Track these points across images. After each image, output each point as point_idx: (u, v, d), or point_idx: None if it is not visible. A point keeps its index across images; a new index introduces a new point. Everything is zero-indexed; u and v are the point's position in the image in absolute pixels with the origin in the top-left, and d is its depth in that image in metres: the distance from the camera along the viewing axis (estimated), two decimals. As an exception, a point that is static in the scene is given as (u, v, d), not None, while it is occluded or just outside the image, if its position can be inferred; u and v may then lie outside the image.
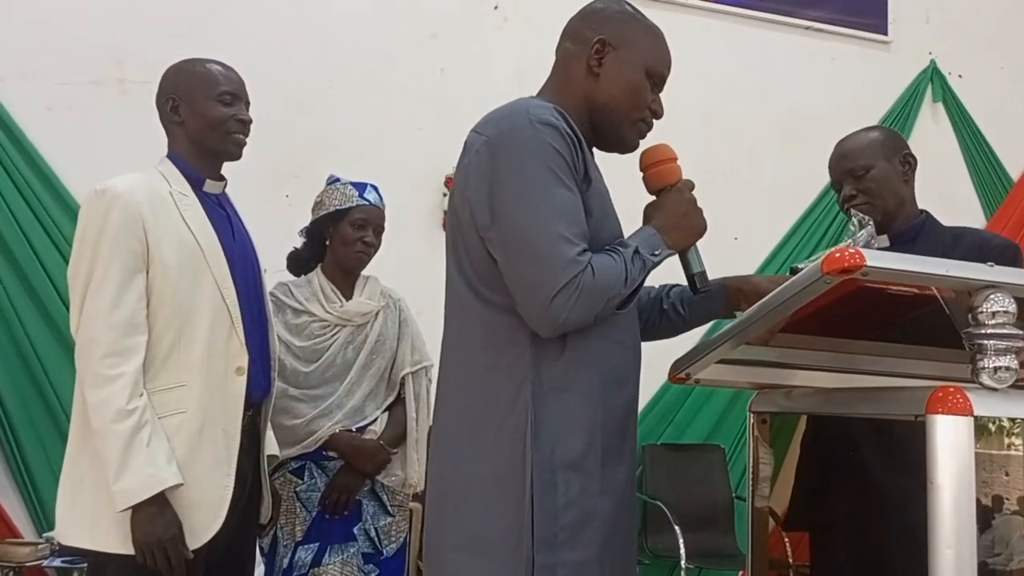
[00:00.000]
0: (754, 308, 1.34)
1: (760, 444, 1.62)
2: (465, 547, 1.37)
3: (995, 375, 1.21)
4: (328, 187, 2.46)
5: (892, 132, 2.07)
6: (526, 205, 1.34)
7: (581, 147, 1.42)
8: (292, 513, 2.34)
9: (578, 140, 1.41)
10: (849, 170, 1.94)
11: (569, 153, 1.38)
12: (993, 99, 5.27)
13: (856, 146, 1.98)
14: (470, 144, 1.48)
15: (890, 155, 1.95)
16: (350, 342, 2.41)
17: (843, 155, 1.98)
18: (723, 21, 4.84)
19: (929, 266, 1.19)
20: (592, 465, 1.36)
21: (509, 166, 1.38)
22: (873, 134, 2.01)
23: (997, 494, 1.23)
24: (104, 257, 1.73)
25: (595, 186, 1.47)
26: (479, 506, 1.37)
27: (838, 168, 1.98)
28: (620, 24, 1.53)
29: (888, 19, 5.15)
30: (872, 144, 1.97)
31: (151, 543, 1.69)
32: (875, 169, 1.92)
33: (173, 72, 1.93)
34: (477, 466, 1.39)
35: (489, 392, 1.40)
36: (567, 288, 1.31)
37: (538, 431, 1.34)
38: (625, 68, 1.50)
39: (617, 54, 1.50)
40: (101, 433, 1.69)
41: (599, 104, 1.52)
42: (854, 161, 1.94)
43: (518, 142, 1.39)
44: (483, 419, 1.40)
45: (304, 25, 4.16)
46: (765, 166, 4.73)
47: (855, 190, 1.92)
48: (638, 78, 1.50)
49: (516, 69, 4.49)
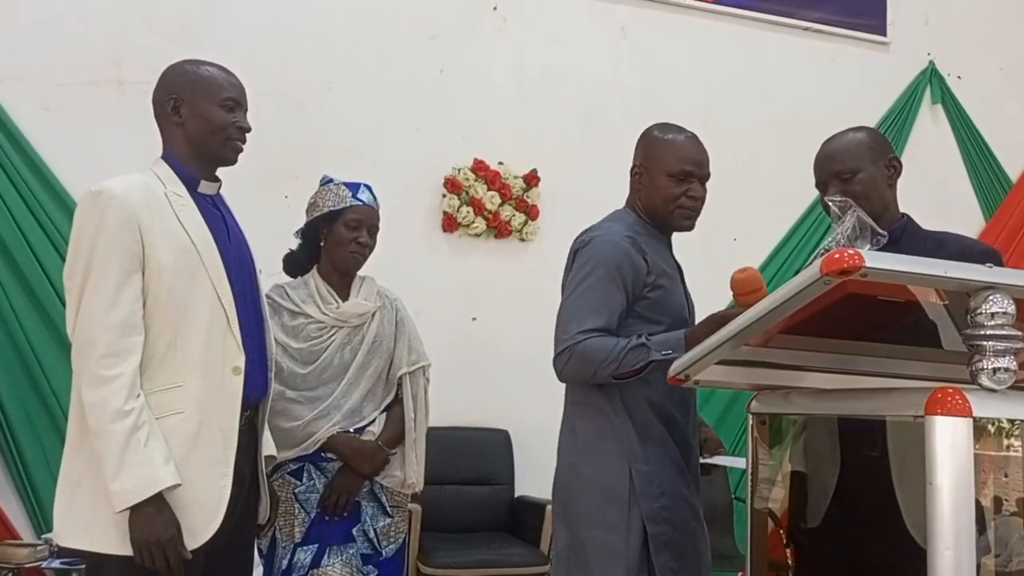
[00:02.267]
0: (753, 310, 1.33)
1: (759, 445, 1.62)
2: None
3: (994, 376, 1.21)
4: (321, 188, 2.45)
5: (879, 135, 2.04)
6: (571, 292, 2.07)
7: (646, 257, 2.04)
8: (291, 514, 2.33)
9: (643, 252, 2.04)
10: (836, 172, 1.92)
11: (629, 266, 2.02)
12: (992, 100, 5.28)
13: (844, 148, 1.94)
14: (575, 240, 2.19)
15: (877, 158, 1.93)
16: (347, 343, 2.40)
17: (830, 156, 1.95)
18: (722, 22, 4.85)
19: (928, 267, 1.19)
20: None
21: (579, 264, 2.08)
22: (860, 136, 1.97)
23: (996, 495, 1.23)
24: (100, 258, 1.73)
25: (662, 285, 2.07)
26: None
27: (824, 169, 1.95)
28: (646, 148, 2.17)
29: (887, 20, 5.16)
30: (860, 147, 1.94)
31: (150, 544, 1.68)
32: (863, 172, 1.90)
33: (175, 72, 1.92)
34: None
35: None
36: (564, 352, 2.02)
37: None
38: (653, 180, 2.12)
39: (648, 172, 2.13)
40: (98, 434, 1.69)
41: (648, 211, 2.15)
42: (842, 164, 1.91)
43: (589, 252, 2.07)
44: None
45: (303, 26, 4.16)
46: (764, 167, 4.73)
47: (841, 193, 1.88)
48: (662, 182, 2.09)
49: (515, 70, 4.49)
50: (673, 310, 2.10)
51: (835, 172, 1.92)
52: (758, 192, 4.58)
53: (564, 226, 4.50)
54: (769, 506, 1.62)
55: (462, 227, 4.33)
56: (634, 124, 4.74)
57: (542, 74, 4.53)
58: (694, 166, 2.10)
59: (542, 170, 4.44)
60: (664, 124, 2.19)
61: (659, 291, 2.07)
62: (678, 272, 2.22)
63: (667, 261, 2.16)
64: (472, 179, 4.33)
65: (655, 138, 2.15)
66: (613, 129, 4.63)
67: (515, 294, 4.39)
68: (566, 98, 4.56)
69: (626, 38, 4.68)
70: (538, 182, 4.43)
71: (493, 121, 4.43)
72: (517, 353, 4.36)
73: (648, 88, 4.68)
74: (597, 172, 4.58)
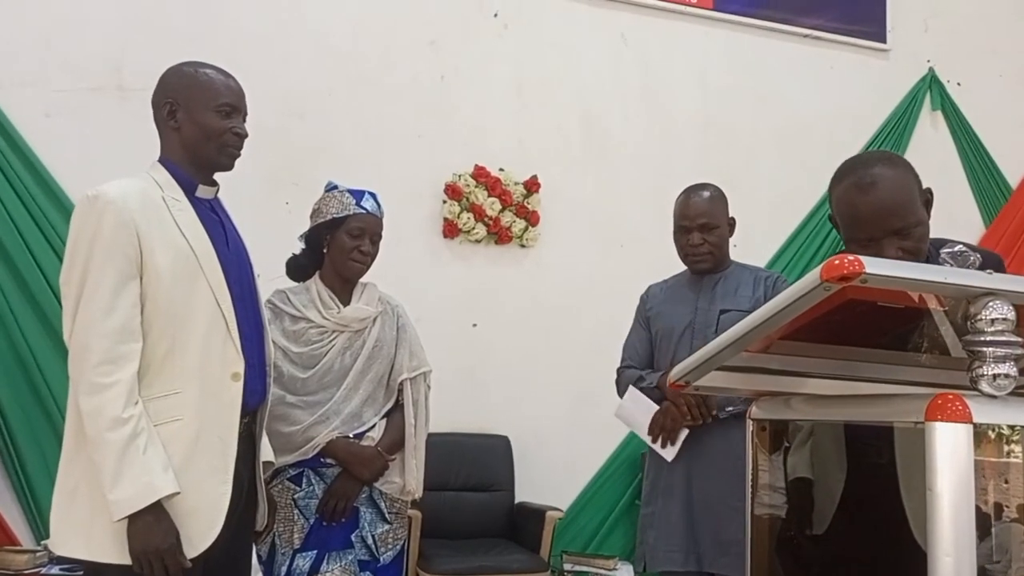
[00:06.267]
0: (753, 316, 1.33)
1: (759, 451, 1.62)
2: None
3: (994, 382, 1.21)
4: (326, 194, 2.45)
5: (910, 164, 1.67)
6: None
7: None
8: (290, 520, 2.33)
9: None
10: (897, 229, 1.56)
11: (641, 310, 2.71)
12: (992, 107, 5.29)
13: (898, 196, 1.57)
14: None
15: (922, 198, 1.63)
16: (347, 348, 2.40)
17: (885, 210, 1.56)
18: (722, 29, 4.86)
19: (928, 273, 1.19)
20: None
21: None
22: (901, 173, 1.61)
23: (997, 501, 1.23)
24: (97, 263, 1.71)
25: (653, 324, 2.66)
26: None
27: (879, 225, 1.57)
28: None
29: (887, 27, 5.17)
30: (912, 191, 1.59)
31: (148, 553, 1.67)
32: (922, 225, 1.58)
33: (173, 75, 1.90)
34: None
35: None
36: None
37: None
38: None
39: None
40: (95, 442, 1.67)
41: None
42: (903, 219, 1.56)
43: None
44: None
45: (304, 33, 4.17)
46: (764, 173, 4.74)
47: (900, 251, 1.56)
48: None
49: (515, 76, 4.51)
50: None
51: (895, 230, 1.57)
52: (758, 198, 4.58)
53: (564, 232, 4.54)
54: (770, 512, 1.62)
55: (463, 233, 4.34)
56: (635, 131, 4.79)
57: (542, 80, 4.54)
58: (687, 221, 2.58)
59: (542, 176, 4.45)
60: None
61: None
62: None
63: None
64: (473, 185, 4.33)
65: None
66: (613, 136, 4.64)
67: (516, 300, 4.40)
68: (566, 104, 4.57)
69: (626, 45, 4.69)
70: (538, 188, 4.44)
71: (494, 127, 4.44)
72: (518, 359, 4.37)
73: (648, 95, 4.69)
74: (597, 178, 4.59)
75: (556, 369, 4.38)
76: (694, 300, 2.54)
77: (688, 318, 2.52)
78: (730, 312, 2.43)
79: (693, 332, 2.48)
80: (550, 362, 4.39)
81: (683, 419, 2.41)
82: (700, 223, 2.51)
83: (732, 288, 2.52)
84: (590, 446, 4.39)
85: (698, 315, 2.50)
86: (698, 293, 2.55)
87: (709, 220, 2.52)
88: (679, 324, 2.53)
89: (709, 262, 2.53)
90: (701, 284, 2.56)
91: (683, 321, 2.52)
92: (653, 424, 2.47)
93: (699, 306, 2.52)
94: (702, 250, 2.51)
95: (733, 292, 2.51)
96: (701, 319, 2.50)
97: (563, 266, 4.48)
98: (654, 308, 2.63)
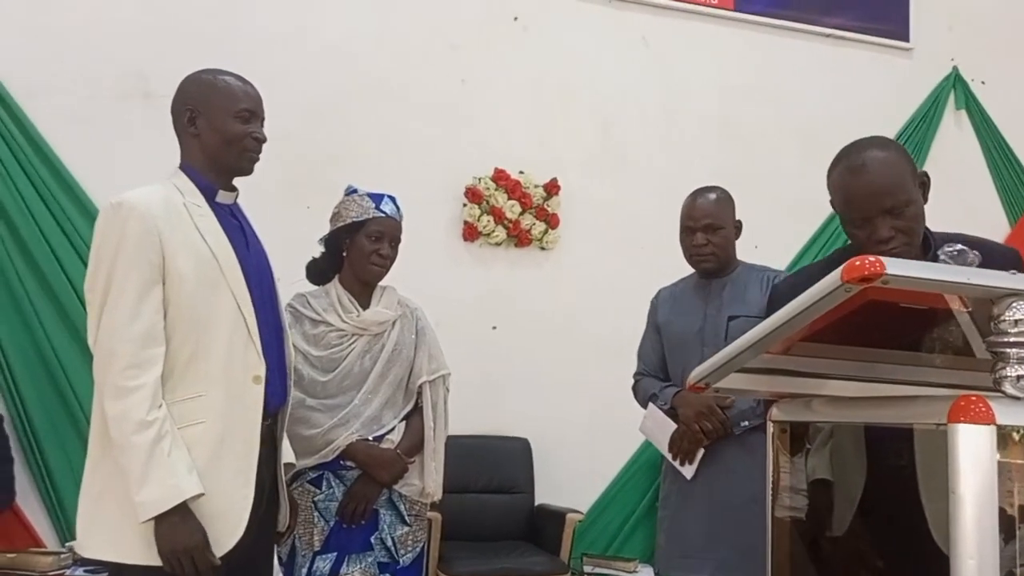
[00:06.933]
0: (774, 317, 1.33)
1: (780, 453, 1.61)
2: None
3: (1018, 384, 1.20)
4: (345, 198, 2.46)
5: (903, 148, 1.74)
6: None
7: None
8: (310, 523, 2.34)
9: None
10: (888, 208, 1.60)
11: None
12: (1016, 105, 5.23)
13: (889, 175, 1.61)
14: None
15: (915, 179, 1.66)
16: (367, 351, 2.41)
17: (876, 189, 1.61)
18: (742, 30, 4.84)
19: (950, 274, 1.18)
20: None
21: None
22: (894, 155, 1.66)
23: (1021, 504, 1.21)
24: (121, 270, 1.73)
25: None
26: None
27: (871, 204, 1.62)
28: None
29: (909, 26, 5.12)
30: (903, 171, 1.63)
31: (177, 552, 1.69)
32: (914, 204, 1.62)
33: (192, 82, 1.93)
34: None
35: None
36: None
37: None
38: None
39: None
40: (121, 445, 1.69)
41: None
42: (893, 197, 1.60)
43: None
44: None
45: (325, 37, 4.19)
46: (785, 175, 4.71)
47: (893, 231, 1.61)
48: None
49: (535, 79, 4.51)
50: None
51: (886, 208, 1.61)
52: (779, 199, 4.56)
53: (584, 235, 4.53)
54: (791, 514, 1.61)
55: (483, 236, 4.34)
56: (654, 132, 4.77)
57: (562, 83, 4.54)
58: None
59: (562, 179, 4.45)
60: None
61: None
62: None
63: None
64: (493, 188, 4.34)
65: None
66: (633, 138, 4.63)
67: (535, 303, 4.40)
68: (586, 107, 4.57)
69: (646, 47, 4.68)
70: (558, 191, 4.44)
71: (514, 130, 4.44)
72: (537, 362, 4.36)
73: (668, 96, 4.67)
74: (617, 180, 4.58)
75: (576, 371, 4.37)
76: (702, 307, 2.55)
77: (697, 325, 2.53)
78: (739, 318, 2.44)
79: (703, 340, 2.49)
80: (570, 364, 4.39)
81: (700, 443, 2.47)
82: (704, 224, 2.52)
83: (740, 291, 2.52)
84: (610, 448, 4.38)
85: (707, 322, 2.52)
86: (706, 299, 2.55)
87: (714, 221, 2.52)
88: (688, 333, 2.54)
89: (713, 263, 2.53)
90: (709, 289, 2.56)
91: (692, 329, 2.54)
92: (671, 443, 2.53)
93: (708, 313, 2.53)
94: (706, 251, 2.52)
95: (741, 296, 2.51)
96: (710, 327, 2.51)
97: (583, 269, 4.47)
98: (664, 315, 2.66)
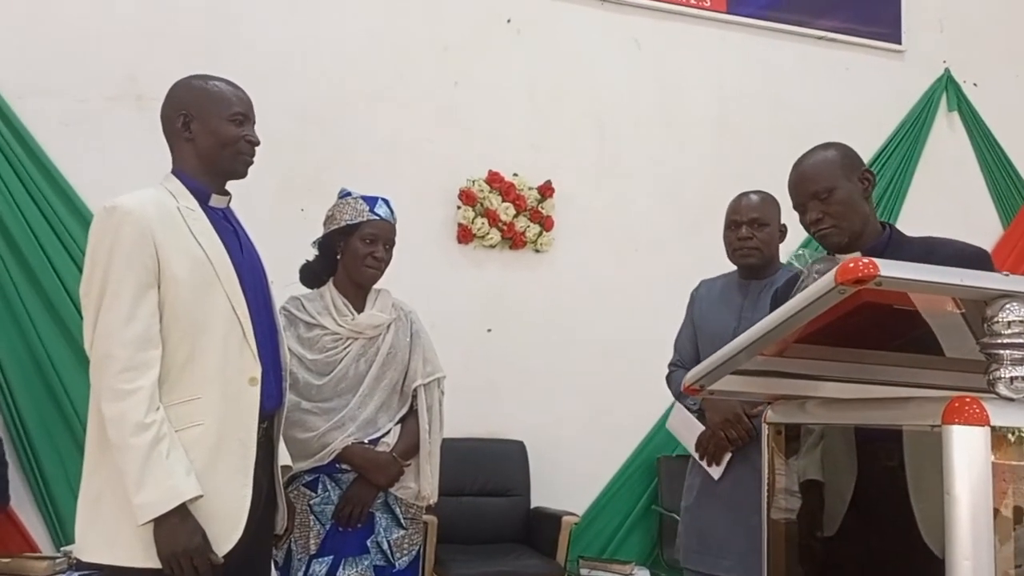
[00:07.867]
0: (768, 319, 1.33)
1: (775, 455, 1.61)
2: None
3: (1011, 385, 1.20)
4: (339, 201, 2.46)
5: (848, 149, 2.00)
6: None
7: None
8: (306, 526, 2.34)
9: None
10: (813, 193, 1.90)
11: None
12: (1009, 107, 5.25)
13: (816, 167, 1.93)
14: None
15: (850, 174, 1.91)
16: (362, 355, 2.41)
17: (804, 178, 1.94)
18: (736, 32, 4.85)
19: (944, 276, 1.18)
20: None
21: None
22: (830, 153, 1.95)
23: (1016, 505, 1.22)
24: (116, 273, 1.74)
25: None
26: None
27: (801, 191, 1.94)
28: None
29: (902, 28, 5.14)
30: (832, 164, 1.92)
31: (177, 554, 1.69)
32: (839, 190, 1.89)
33: (183, 88, 1.94)
34: None
35: None
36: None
37: None
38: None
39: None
40: (119, 447, 1.69)
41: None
42: (816, 183, 1.90)
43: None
44: None
45: (319, 40, 4.19)
46: (779, 177, 4.69)
47: (821, 213, 1.89)
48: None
49: (529, 82, 4.51)
50: None
51: (812, 193, 1.91)
52: (773, 201, 4.56)
53: (579, 237, 4.53)
54: (786, 516, 1.61)
55: (477, 239, 4.34)
56: (649, 135, 4.77)
57: (556, 85, 4.54)
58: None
59: (556, 181, 4.45)
60: None
61: None
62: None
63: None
64: (487, 190, 4.34)
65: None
66: (627, 140, 4.64)
67: (530, 305, 4.40)
68: (580, 109, 4.57)
69: (640, 49, 4.68)
70: (553, 193, 4.44)
71: (507, 133, 4.44)
72: (532, 364, 4.36)
73: (662, 99, 4.68)
74: (612, 182, 4.59)
75: (571, 374, 4.38)
76: (739, 306, 2.52)
77: (733, 324, 2.47)
78: None
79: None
80: (565, 367, 4.39)
81: (726, 449, 2.45)
82: (750, 218, 2.50)
83: None
84: (606, 450, 4.39)
85: (743, 323, 2.45)
86: (744, 298, 2.52)
87: (760, 216, 2.51)
88: (723, 330, 2.47)
89: (756, 258, 2.50)
90: (749, 289, 2.53)
91: (728, 327, 2.47)
92: (698, 444, 2.53)
93: (744, 314, 2.49)
94: (750, 244, 2.49)
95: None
96: (745, 327, 2.43)
97: (578, 271, 4.47)
98: (701, 309, 2.64)
